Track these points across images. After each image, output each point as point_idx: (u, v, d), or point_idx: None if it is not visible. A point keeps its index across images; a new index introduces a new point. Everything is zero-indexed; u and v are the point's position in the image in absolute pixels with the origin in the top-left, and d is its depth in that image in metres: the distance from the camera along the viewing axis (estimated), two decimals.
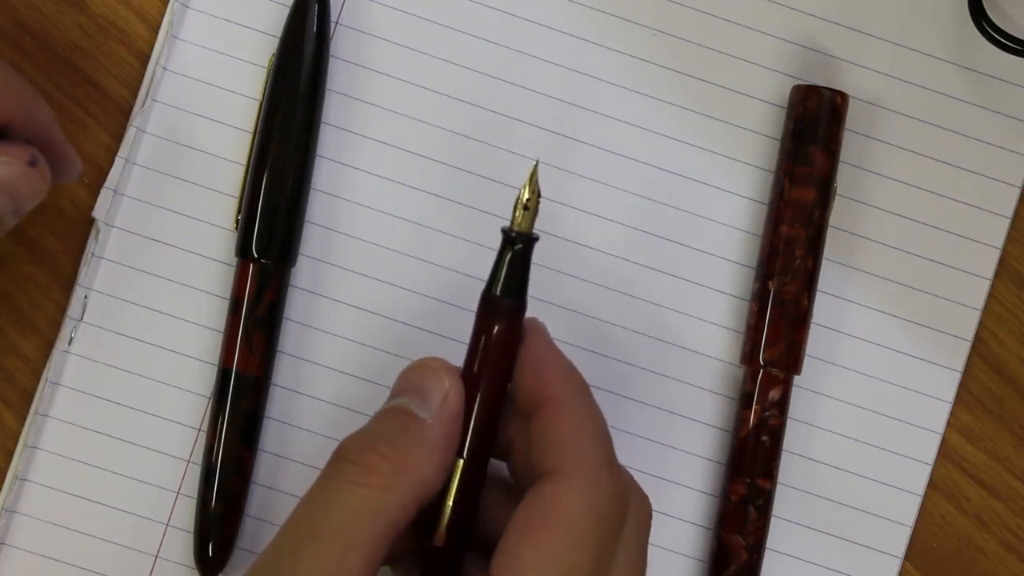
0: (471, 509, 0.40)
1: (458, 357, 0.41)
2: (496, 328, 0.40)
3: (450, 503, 0.39)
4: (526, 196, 0.40)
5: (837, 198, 0.49)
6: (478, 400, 0.39)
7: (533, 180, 0.40)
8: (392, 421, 0.38)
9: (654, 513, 0.41)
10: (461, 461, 0.39)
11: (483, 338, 0.40)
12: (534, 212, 0.40)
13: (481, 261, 0.49)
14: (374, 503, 0.37)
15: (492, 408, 0.40)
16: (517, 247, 0.40)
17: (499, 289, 0.40)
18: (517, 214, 0.40)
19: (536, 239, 0.40)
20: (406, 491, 0.37)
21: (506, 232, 0.40)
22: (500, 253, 0.40)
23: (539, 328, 0.41)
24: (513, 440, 0.41)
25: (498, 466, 0.41)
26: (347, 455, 0.38)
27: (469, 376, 0.40)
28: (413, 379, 0.39)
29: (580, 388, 0.40)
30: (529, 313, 0.41)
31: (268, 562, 0.37)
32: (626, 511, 0.39)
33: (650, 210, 0.49)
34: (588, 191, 0.49)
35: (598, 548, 0.37)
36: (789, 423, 0.49)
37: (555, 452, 0.38)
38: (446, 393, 0.38)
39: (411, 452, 0.37)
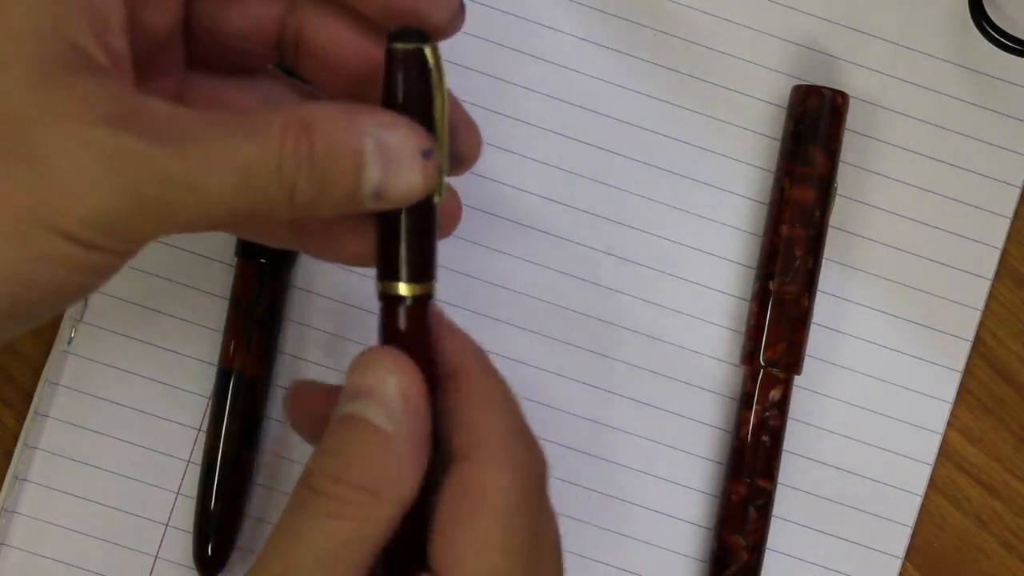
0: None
1: None
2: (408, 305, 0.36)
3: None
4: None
5: (837, 197, 0.49)
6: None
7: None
8: (357, 439, 0.35)
9: (656, 514, 0.41)
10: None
11: (405, 316, 0.36)
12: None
13: (473, 264, 0.49)
14: (355, 535, 0.34)
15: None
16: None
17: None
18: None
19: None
20: (388, 514, 0.35)
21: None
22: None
23: (481, 356, 0.38)
24: None
25: None
26: (319, 486, 0.35)
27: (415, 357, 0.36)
28: (366, 381, 0.35)
29: (479, 359, 0.37)
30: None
31: None
32: (546, 473, 0.37)
33: (650, 210, 0.49)
34: (586, 190, 0.49)
35: (531, 519, 0.36)
36: (790, 423, 0.49)
37: (467, 431, 0.36)
38: (405, 393, 0.35)
39: (387, 476, 0.35)
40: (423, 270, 0.36)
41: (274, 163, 0.32)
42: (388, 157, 0.34)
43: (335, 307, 0.49)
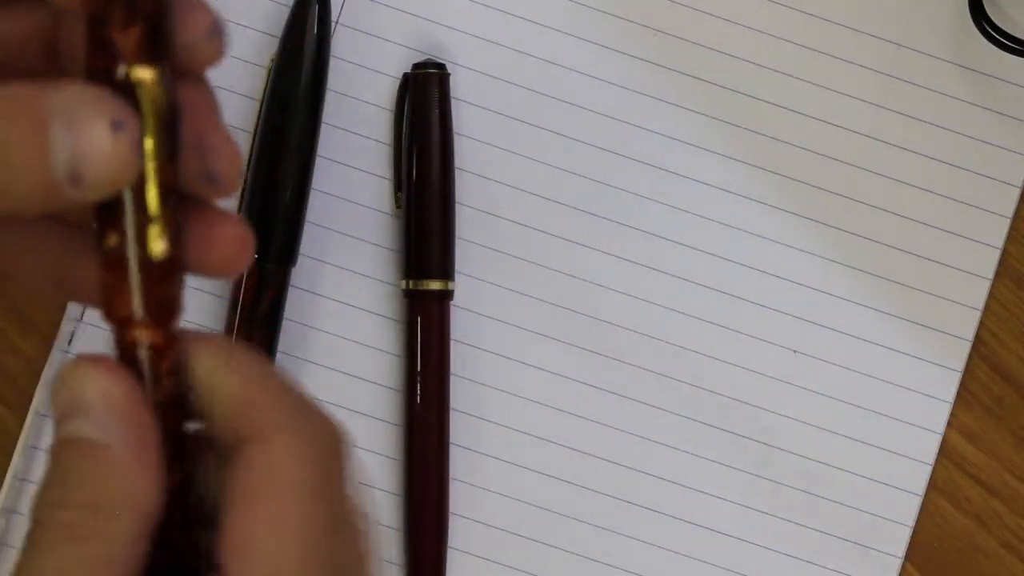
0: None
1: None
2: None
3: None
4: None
5: (837, 197, 0.49)
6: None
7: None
8: (72, 460, 0.32)
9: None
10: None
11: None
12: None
13: (473, 265, 0.49)
14: (91, 558, 0.31)
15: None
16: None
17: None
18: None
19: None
20: (126, 528, 0.31)
21: None
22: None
23: (229, 345, 0.34)
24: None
25: None
26: (41, 518, 0.31)
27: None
28: (66, 395, 0.31)
29: (300, 417, 0.33)
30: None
31: None
32: (341, 445, 0.33)
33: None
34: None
35: (328, 497, 0.32)
36: (790, 423, 0.49)
37: (245, 416, 0.32)
38: (108, 397, 0.31)
39: (108, 486, 0.31)
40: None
41: None
42: (76, 132, 0.29)
43: (335, 307, 0.49)
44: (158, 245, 0.31)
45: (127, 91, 0.30)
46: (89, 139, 0.29)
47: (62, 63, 0.34)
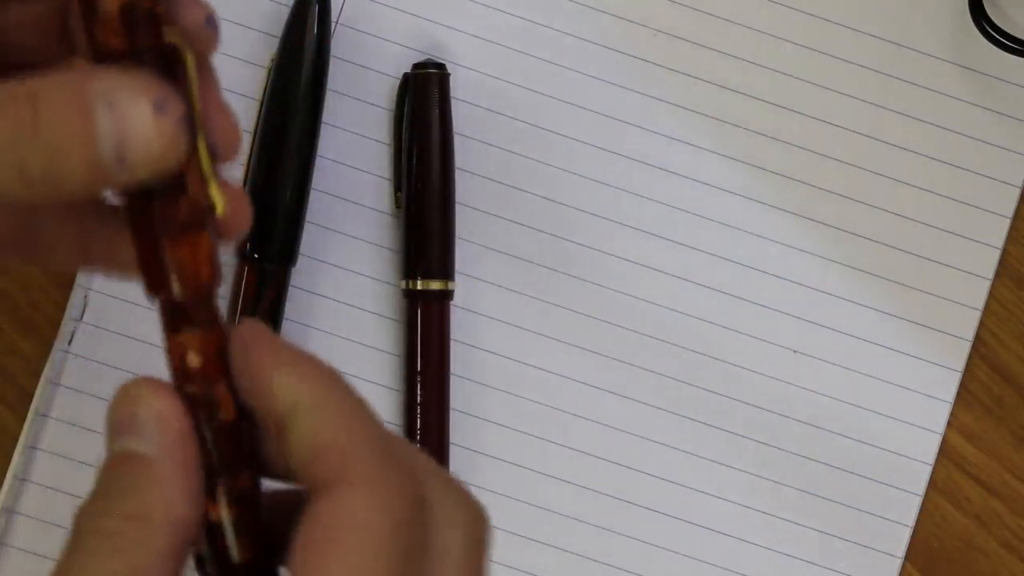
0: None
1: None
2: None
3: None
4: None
5: (837, 197, 0.49)
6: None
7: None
8: (117, 470, 0.33)
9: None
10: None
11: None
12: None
13: (473, 265, 0.49)
14: (129, 568, 0.31)
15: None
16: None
17: None
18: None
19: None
20: (164, 539, 0.32)
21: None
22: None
23: (261, 332, 0.33)
24: (267, 454, 0.34)
25: None
26: (85, 526, 0.32)
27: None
28: (120, 414, 0.33)
29: (335, 383, 0.33)
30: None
31: None
32: (428, 515, 0.32)
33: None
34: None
35: (400, 560, 0.32)
36: (790, 423, 0.49)
37: (324, 462, 0.32)
38: (158, 415, 0.32)
39: (149, 498, 0.32)
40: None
41: None
42: (119, 114, 0.30)
43: (335, 307, 0.49)
44: (220, 203, 0.32)
45: (170, 62, 0.31)
46: (133, 121, 0.30)
47: (74, 43, 0.35)
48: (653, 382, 0.49)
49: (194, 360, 0.32)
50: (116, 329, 0.48)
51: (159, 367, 0.49)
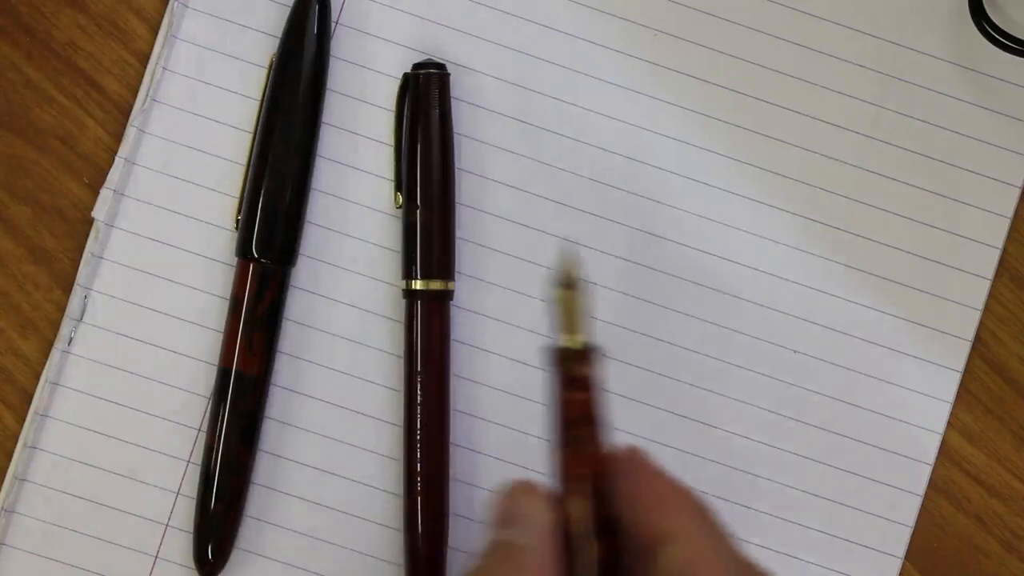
0: None
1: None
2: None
3: None
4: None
5: (837, 197, 0.49)
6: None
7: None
8: (498, 555, 0.38)
9: None
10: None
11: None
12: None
13: (477, 265, 0.49)
14: None
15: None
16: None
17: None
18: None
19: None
20: None
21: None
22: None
23: (642, 459, 0.40)
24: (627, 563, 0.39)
25: None
26: None
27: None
28: (508, 506, 0.39)
29: (707, 515, 0.39)
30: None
31: None
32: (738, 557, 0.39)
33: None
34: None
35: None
36: (790, 423, 0.49)
37: (655, 516, 0.38)
38: (537, 515, 0.38)
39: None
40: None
41: None
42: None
43: (335, 307, 0.49)
44: None
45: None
46: None
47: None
48: (652, 381, 0.49)
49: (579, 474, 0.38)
50: (116, 329, 0.48)
51: (159, 367, 0.49)
